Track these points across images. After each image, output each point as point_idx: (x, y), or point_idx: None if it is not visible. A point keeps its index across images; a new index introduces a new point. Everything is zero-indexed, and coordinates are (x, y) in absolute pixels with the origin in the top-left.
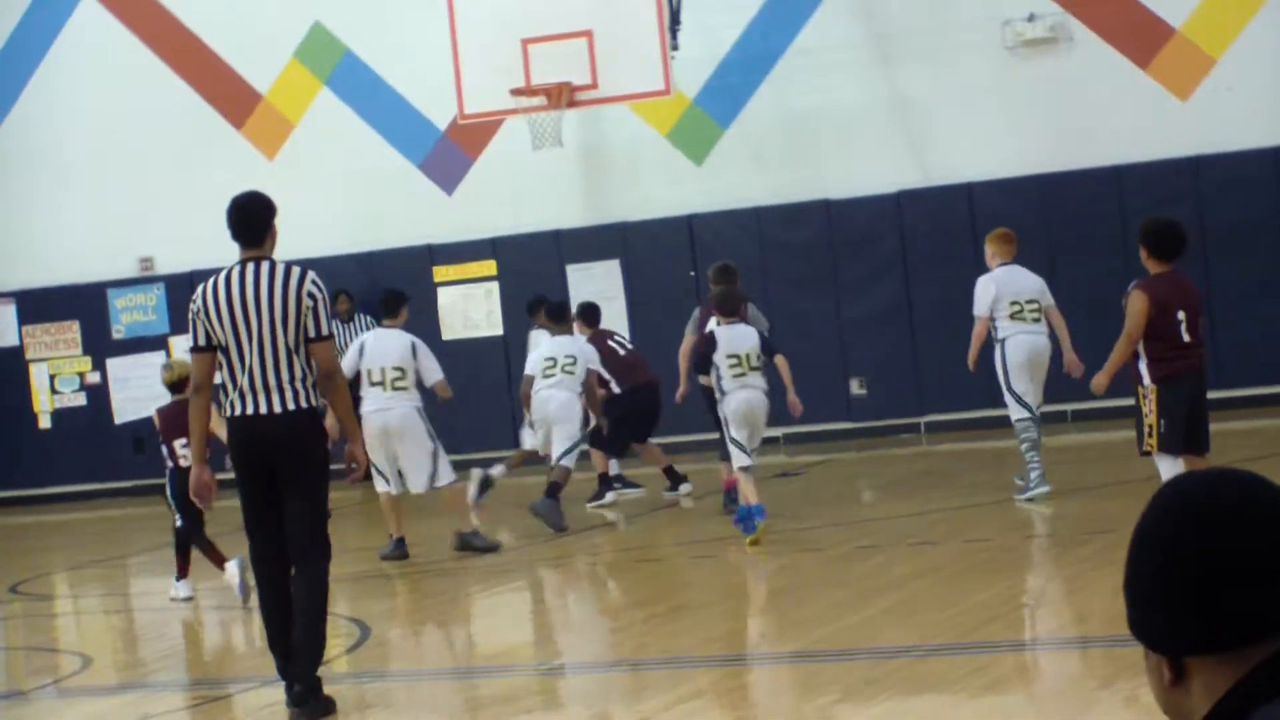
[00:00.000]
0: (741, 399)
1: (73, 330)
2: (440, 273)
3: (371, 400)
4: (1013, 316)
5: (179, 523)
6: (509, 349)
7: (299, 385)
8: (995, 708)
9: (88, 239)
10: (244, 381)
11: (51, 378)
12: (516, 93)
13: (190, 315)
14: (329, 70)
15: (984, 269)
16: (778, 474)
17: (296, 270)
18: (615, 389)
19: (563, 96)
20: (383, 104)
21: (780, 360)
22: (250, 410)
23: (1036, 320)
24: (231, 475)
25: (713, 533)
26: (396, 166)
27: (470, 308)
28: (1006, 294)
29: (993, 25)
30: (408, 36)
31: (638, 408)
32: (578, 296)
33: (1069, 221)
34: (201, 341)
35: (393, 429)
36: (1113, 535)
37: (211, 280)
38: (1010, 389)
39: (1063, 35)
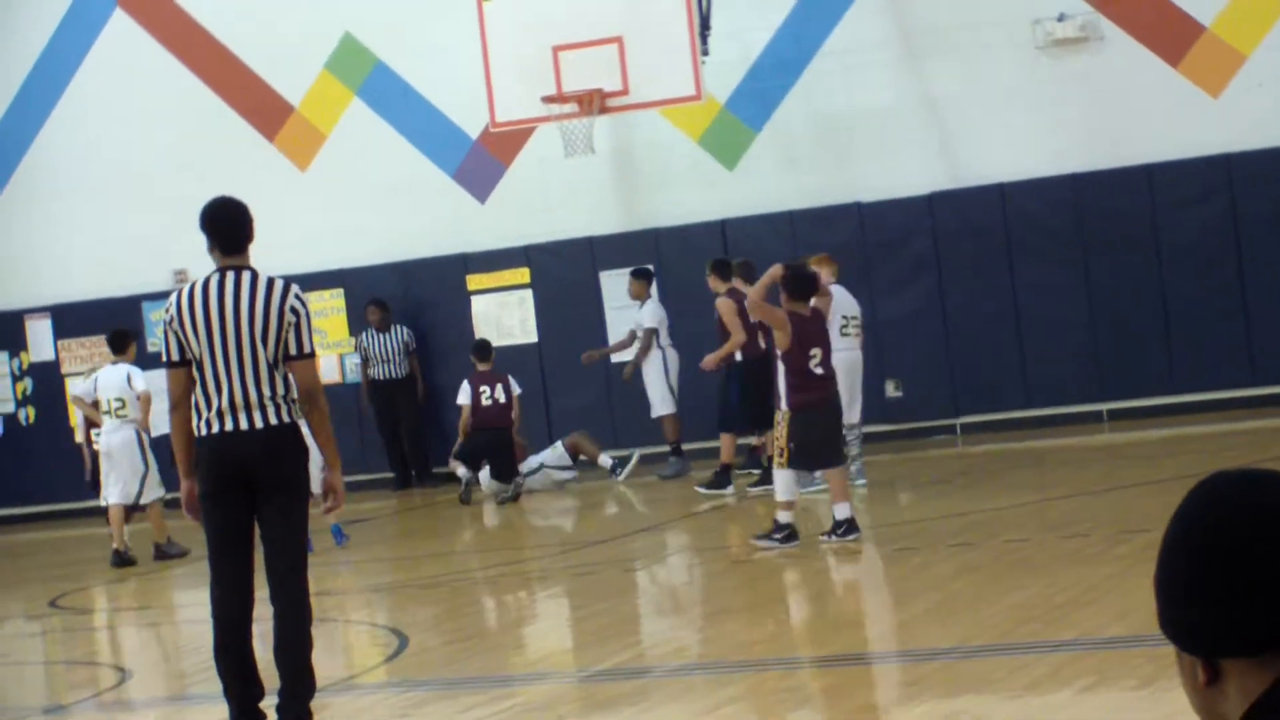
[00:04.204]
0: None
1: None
2: (474, 281)
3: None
4: (842, 331)
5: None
6: (543, 356)
7: (280, 401)
8: (1035, 708)
9: (121, 252)
10: (220, 401)
11: None
12: (548, 100)
13: (162, 325)
14: (360, 81)
15: (1018, 267)
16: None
17: (280, 282)
18: None
19: (594, 103)
20: (414, 113)
21: None
22: (228, 428)
23: (857, 336)
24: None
25: (745, 538)
26: (429, 176)
27: (504, 315)
28: (841, 309)
29: (1023, 25)
30: (438, 46)
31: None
32: (611, 302)
33: (1101, 220)
34: (175, 355)
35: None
36: (1149, 534)
37: (187, 288)
38: None
39: (1093, 34)
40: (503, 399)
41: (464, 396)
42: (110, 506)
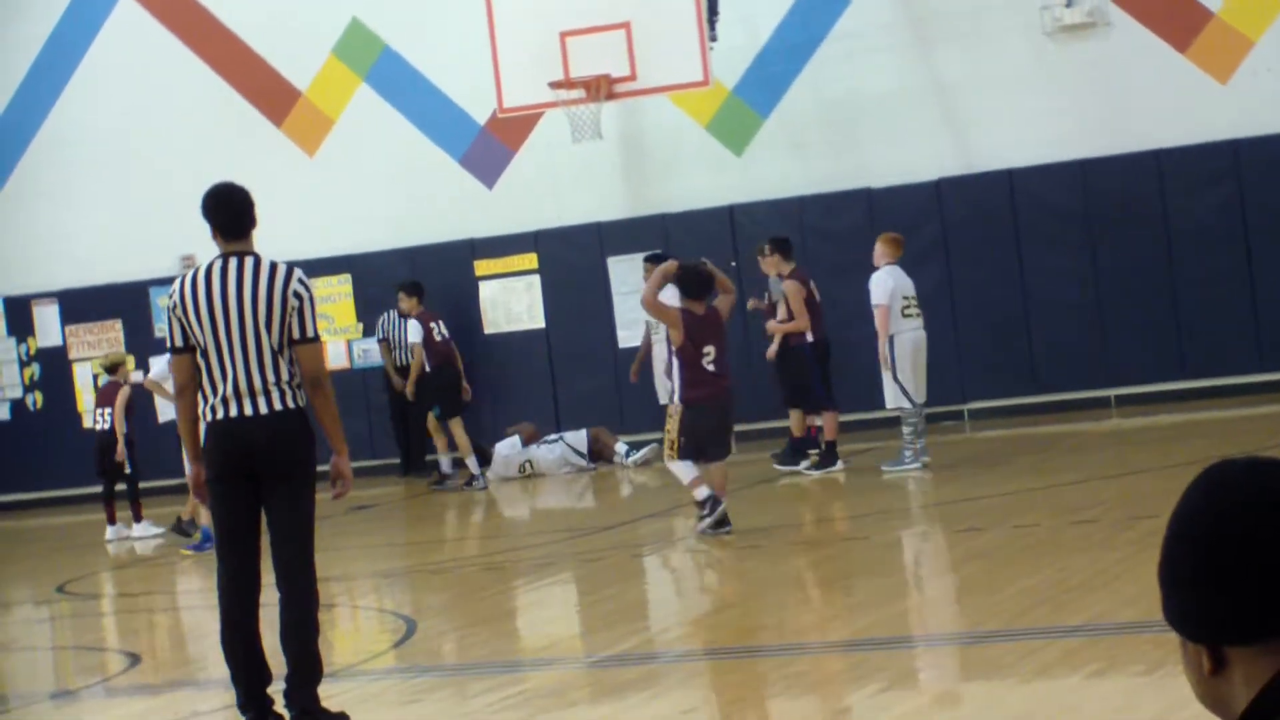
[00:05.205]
0: None
1: (115, 329)
2: (482, 266)
3: None
4: (904, 312)
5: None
6: (551, 342)
7: (285, 386)
8: (1044, 693)
9: (129, 238)
10: (225, 388)
11: (95, 377)
12: (555, 85)
13: (166, 311)
14: (368, 66)
15: (1026, 253)
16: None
17: (283, 266)
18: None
19: (601, 89)
20: (422, 99)
21: None
22: (234, 414)
23: (920, 315)
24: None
25: (758, 523)
26: (437, 161)
27: (512, 301)
28: (900, 290)
29: (1031, 10)
30: (446, 31)
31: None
32: (619, 287)
33: (1109, 205)
34: (179, 342)
35: None
36: (1158, 520)
37: (190, 274)
38: (897, 380)
39: (1100, 20)
40: (447, 334)
41: (416, 335)
42: None
